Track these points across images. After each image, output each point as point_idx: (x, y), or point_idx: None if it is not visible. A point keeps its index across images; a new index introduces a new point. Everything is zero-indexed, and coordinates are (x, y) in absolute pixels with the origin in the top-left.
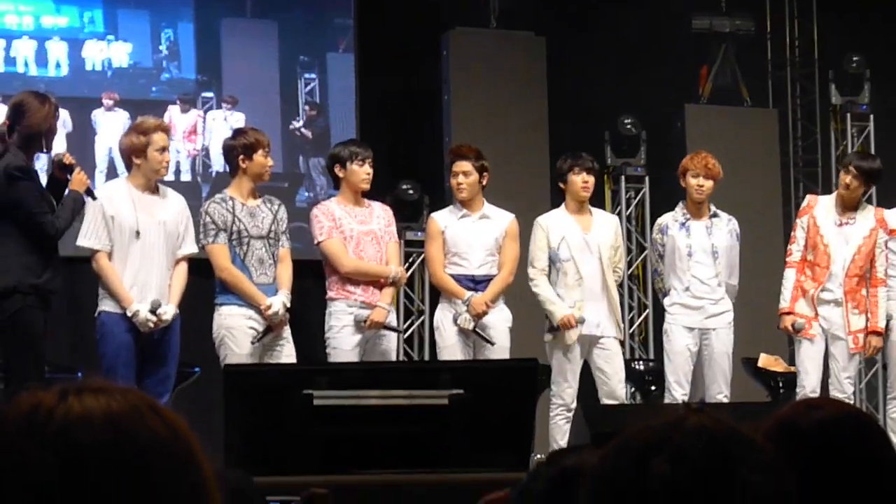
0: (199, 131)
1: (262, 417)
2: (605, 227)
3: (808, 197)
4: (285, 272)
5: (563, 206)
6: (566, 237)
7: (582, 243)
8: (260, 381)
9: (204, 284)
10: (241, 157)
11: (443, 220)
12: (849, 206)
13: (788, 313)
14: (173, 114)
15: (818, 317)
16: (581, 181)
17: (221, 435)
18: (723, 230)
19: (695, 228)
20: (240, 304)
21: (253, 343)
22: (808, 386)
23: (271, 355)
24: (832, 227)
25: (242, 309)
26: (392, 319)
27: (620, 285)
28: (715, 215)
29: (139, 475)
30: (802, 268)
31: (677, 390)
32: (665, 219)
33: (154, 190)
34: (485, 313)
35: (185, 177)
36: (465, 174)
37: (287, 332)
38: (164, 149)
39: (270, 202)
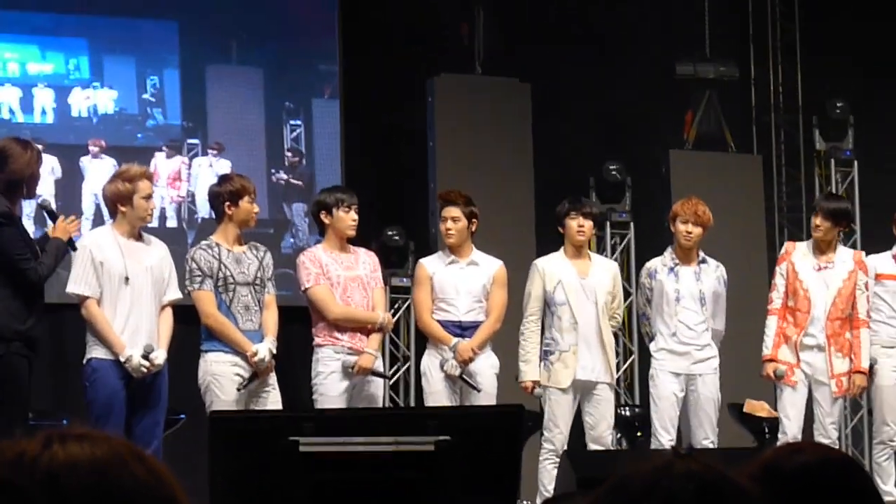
0: (183, 177)
1: (247, 464)
2: (604, 273)
3: (785, 244)
4: (271, 318)
5: (561, 250)
6: (563, 281)
7: (578, 288)
8: (245, 428)
9: (188, 331)
10: (227, 203)
11: (431, 266)
12: (825, 250)
13: (771, 360)
14: (158, 160)
15: (800, 363)
16: (577, 226)
17: (207, 482)
18: (711, 276)
19: (683, 274)
20: (226, 350)
21: (239, 390)
22: (790, 432)
23: (257, 402)
24: (811, 272)
25: (228, 356)
26: (379, 365)
27: None
28: (703, 261)
29: None
30: (784, 314)
31: (664, 436)
32: (654, 263)
33: (138, 237)
34: (471, 359)
35: (171, 223)
36: (454, 220)
37: (273, 378)
38: (149, 196)
39: (256, 249)
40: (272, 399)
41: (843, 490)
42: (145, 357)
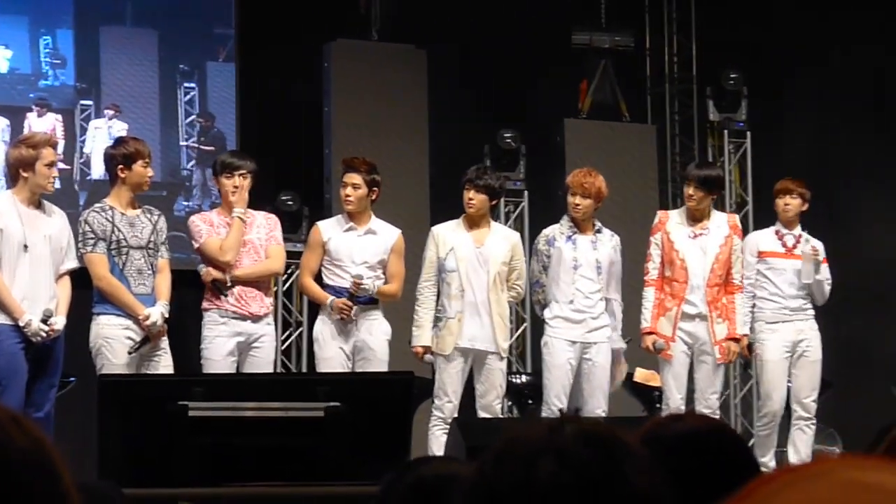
0: (58, 135)
1: (137, 428)
2: (501, 244)
3: (658, 213)
4: (164, 282)
5: (461, 217)
6: (455, 248)
7: (472, 256)
8: (135, 392)
9: (80, 294)
10: (121, 166)
11: (327, 230)
12: (699, 218)
13: (650, 333)
14: (31, 119)
15: (676, 335)
16: (467, 198)
17: (97, 445)
18: (607, 245)
19: (580, 242)
20: (117, 313)
21: (130, 353)
22: (673, 404)
23: (148, 366)
24: (686, 241)
25: (120, 319)
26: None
27: None
28: (599, 231)
29: (2, 485)
30: (661, 285)
31: (556, 404)
32: (552, 230)
33: (38, 205)
34: (344, 311)
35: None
36: (354, 186)
37: (165, 342)
38: (52, 164)
39: (150, 212)
40: (163, 363)
41: (719, 457)
42: (44, 321)
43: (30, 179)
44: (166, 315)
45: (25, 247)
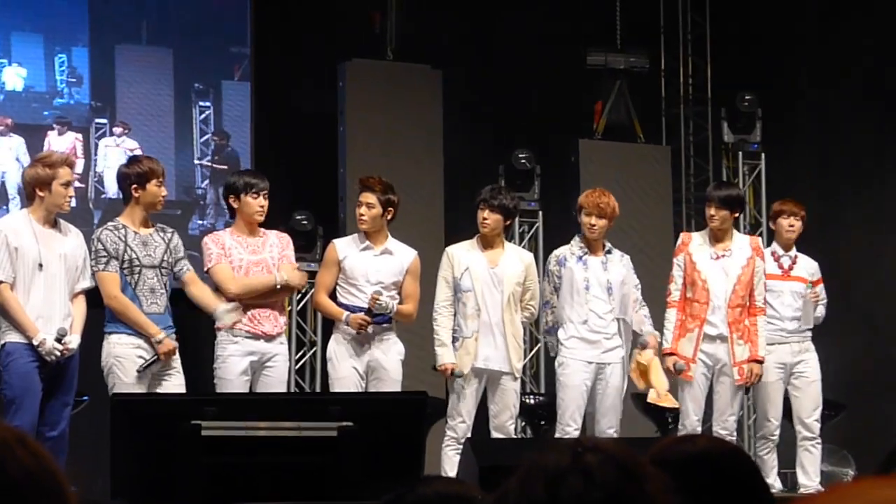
0: (78, 154)
1: (149, 447)
2: (515, 264)
3: (681, 235)
4: (202, 292)
5: (475, 237)
6: (470, 268)
7: (486, 276)
8: (147, 411)
9: (93, 313)
10: (135, 185)
11: (343, 249)
12: (721, 238)
13: (671, 353)
14: (51, 138)
15: (698, 356)
16: (481, 217)
17: (109, 464)
18: (617, 266)
19: (591, 263)
20: (129, 332)
21: (138, 371)
22: (689, 426)
23: (160, 385)
24: (709, 262)
25: (131, 338)
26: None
27: None
28: (609, 252)
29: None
30: (683, 307)
31: (570, 425)
32: (562, 251)
33: (54, 224)
34: (362, 326)
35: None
36: (368, 206)
37: (177, 362)
38: (68, 183)
39: (163, 231)
40: (175, 382)
41: (728, 479)
42: (58, 340)
43: (46, 199)
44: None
45: (40, 266)
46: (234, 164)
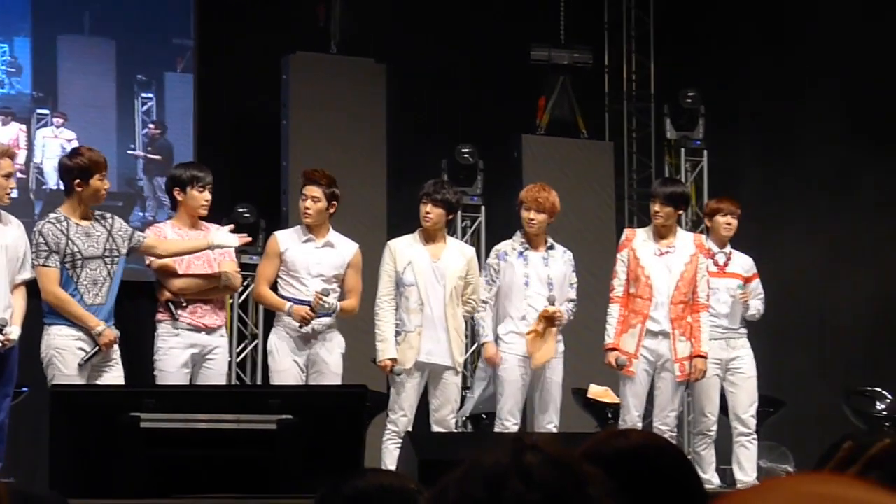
0: (21, 145)
1: (88, 439)
2: (457, 258)
3: (625, 231)
4: (171, 246)
5: (417, 231)
6: (413, 262)
7: (428, 270)
8: (87, 402)
9: (34, 305)
10: (77, 179)
11: (284, 241)
12: (665, 235)
13: (613, 349)
14: None
15: (640, 351)
16: (424, 212)
17: (48, 456)
18: (558, 262)
19: (532, 258)
20: (69, 324)
21: (81, 364)
22: (630, 421)
23: (100, 377)
24: (652, 258)
25: (71, 329)
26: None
27: None
28: (551, 247)
29: None
30: (626, 302)
31: (509, 420)
32: (504, 246)
33: None
34: (305, 319)
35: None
36: (313, 199)
37: (116, 354)
38: (8, 175)
39: (103, 218)
40: (114, 374)
41: (660, 474)
42: (0, 331)
43: None
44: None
45: None
46: (167, 155)
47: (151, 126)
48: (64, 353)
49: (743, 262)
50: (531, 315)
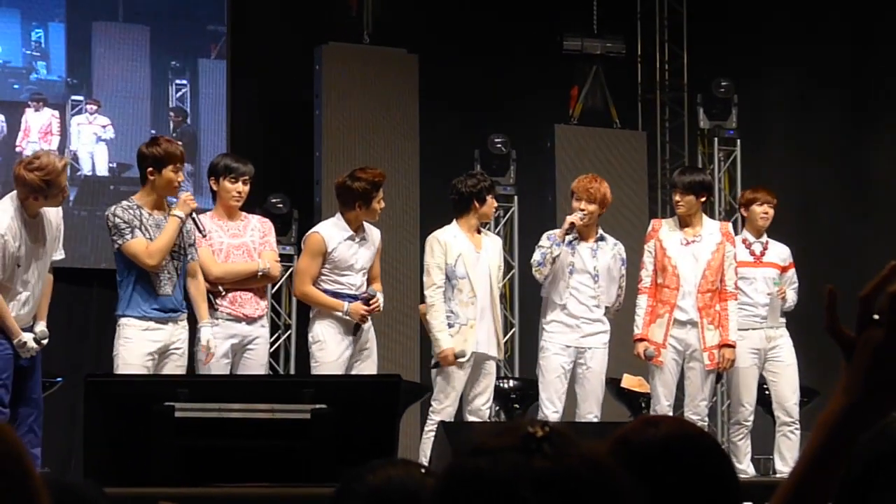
0: (54, 131)
1: (122, 428)
2: (494, 248)
3: (652, 222)
4: (196, 291)
5: (455, 223)
6: (462, 254)
7: (476, 262)
8: (121, 392)
9: (79, 292)
10: (151, 168)
11: (330, 239)
12: (690, 224)
13: (641, 339)
14: (28, 115)
15: (667, 343)
16: (496, 204)
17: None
18: (607, 253)
19: (580, 248)
20: (139, 316)
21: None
22: (660, 411)
23: (165, 366)
24: (679, 247)
25: (143, 322)
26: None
27: None
28: (601, 238)
29: None
30: (654, 292)
31: (549, 408)
32: (555, 232)
33: (36, 213)
34: (364, 318)
35: None
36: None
37: (184, 343)
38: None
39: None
40: (179, 364)
41: (694, 463)
42: (37, 342)
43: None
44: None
45: (21, 261)
46: (191, 141)
47: (172, 114)
48: (131, 345)
49: (780, 252)
50: (572, 305)
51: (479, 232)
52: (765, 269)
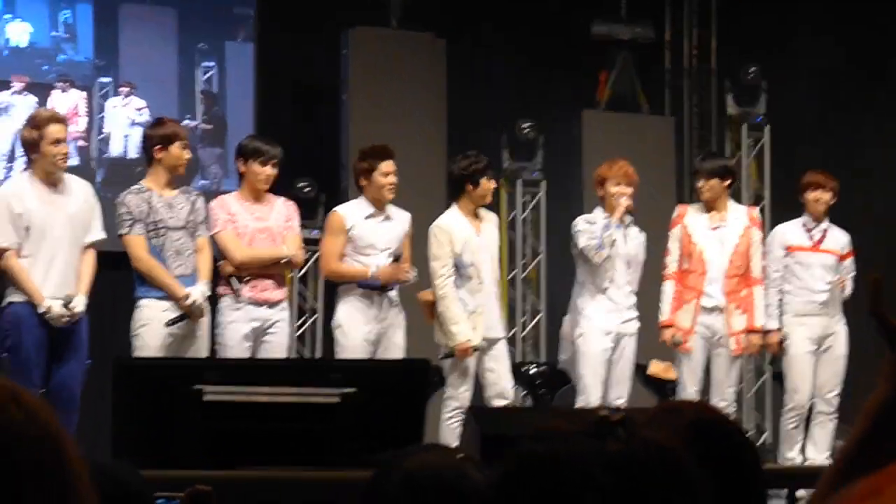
0: (81, 112)
1: (150, 411)
2: (492, 229)
3: (677, 207)
4: (204, 262)
5: (454, 207)
6: (467, 241)
7: (479, 247)
8: (150, 375)
9: (110, 276)
10: (158, 147)
11: (350, 217)
12: (715, 209)
13: (668, 326)
14: (54, 96)
15: (694, 329)
16: (492, 187)
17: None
18: (634, 240)
19: (616, 234)
20: (158, 297)
21: (167, 325)
22: (687, 398)
23: (183, 348)
24: (705, 233)
25: (161, 302)
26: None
27: (514, 287)
28: (629, 225)
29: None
30: (680, 278)
31: (593, 393)
32: (592, 216)
33: (57, 182)
34: (398, 274)
35: (72, 160)
36: (394, 174)
37: (204, 326)
38: (58, 140)
39: (188, 192)
40: (199, 346)
41: (714, 449)
42: (65, 306)
43: (39, 161)
44: (208, 293)
45: (46, 230)
46: (220, 124)
47: (201, 96)
48: (151, 327)
49: (839, 239)
50: (611, 290)
51: (477, 216)
52: (822, 256)
